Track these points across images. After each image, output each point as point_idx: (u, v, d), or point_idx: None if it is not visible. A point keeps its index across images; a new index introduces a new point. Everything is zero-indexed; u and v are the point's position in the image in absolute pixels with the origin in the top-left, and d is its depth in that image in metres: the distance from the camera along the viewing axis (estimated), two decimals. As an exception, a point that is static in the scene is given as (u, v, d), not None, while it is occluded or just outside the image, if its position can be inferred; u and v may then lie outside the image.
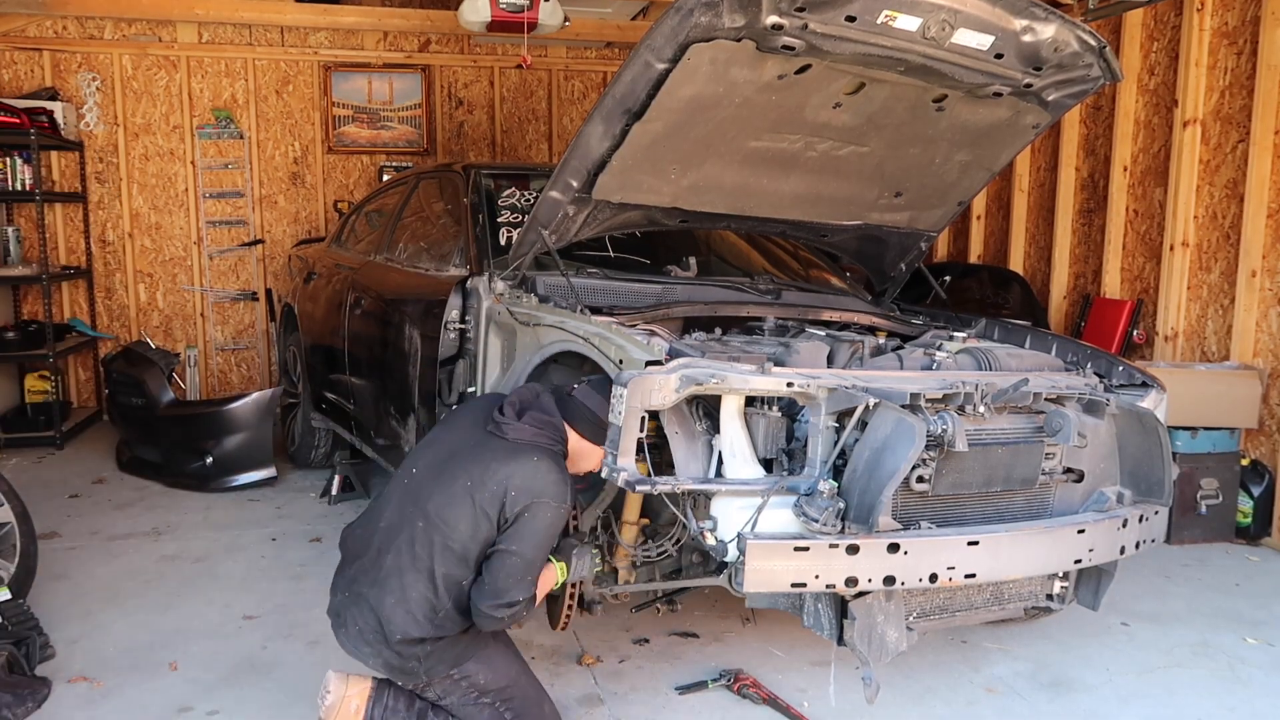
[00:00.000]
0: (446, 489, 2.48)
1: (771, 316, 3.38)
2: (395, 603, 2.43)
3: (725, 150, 3.16)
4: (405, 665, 2.47)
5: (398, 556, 2.47)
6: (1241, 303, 4.72)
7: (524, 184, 4.16)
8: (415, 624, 2.42)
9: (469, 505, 2.43)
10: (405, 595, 2.43)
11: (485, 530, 2.44)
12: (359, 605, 2.49)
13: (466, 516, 2.43)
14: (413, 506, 2.52)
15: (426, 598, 2.43)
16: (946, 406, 2.61)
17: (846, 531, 2.44)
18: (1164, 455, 2.90)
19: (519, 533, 2.43)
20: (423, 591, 2.43)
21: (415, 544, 2.46)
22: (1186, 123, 5.02)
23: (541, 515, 2.43)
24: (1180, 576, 4.20)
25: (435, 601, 2.43)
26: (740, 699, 3.04)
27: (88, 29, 6.91)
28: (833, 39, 2.70)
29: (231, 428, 5.33)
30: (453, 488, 2.47)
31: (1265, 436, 4.72)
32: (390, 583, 2.45)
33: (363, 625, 2.48)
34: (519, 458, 2.48)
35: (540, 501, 2.43)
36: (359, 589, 2.51)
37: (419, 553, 2.45)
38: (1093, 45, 2.97)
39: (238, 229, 7.35)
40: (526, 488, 2.43)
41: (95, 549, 4.33)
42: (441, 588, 2.43)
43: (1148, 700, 3.12)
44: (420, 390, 3.79)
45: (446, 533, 2.44)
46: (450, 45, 7.54)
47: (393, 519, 2.55)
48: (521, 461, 2.47)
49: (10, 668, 2.98)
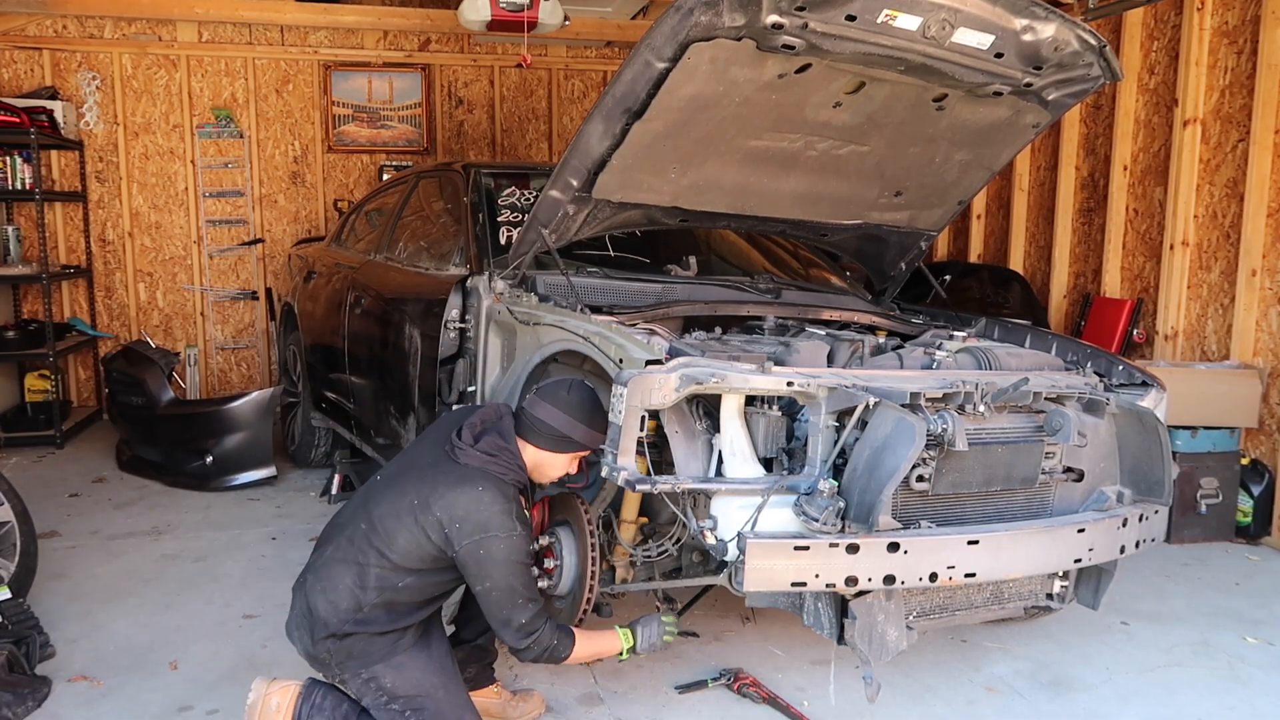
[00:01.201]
0: (393, 501, 2.51)
1: (771, 316, 3.38)
2: (322, 589, 2.49)
3: (725, 149, 3.16)
4: (319, 656, 2.52)
5: (336, 549, 2.54)
6: (1241, 302, 4.72)
7: (524, 183, 4.16)
8: (335, 613, 2.46)
9: (411, 522, 2.46)
10: (333, 584, 2.49)
11: (428, 549, 2.46)
12: (299, 590, 2.58)
13: (406, 532, 2.46)
14: (362, 509, 2.58)
15: (351, 590, 2.47)
16: (946, 406, 2.61)
17: (846, 531, 2.44)
18: (1164, 454, 2.90)
19: (482, 571, 2.45)
20: (349, 584, 2.47)
21: (353, 543, 2.52)
22: (1187, 122, 5.02)
23: (495, 548, 2.43)
24: (1180, 576, 4.20)
25: (361, 596, 2.46)
26: (740, 698, 3.04)
27: (87, 28, 6.91)
28: (833, 38, 2.70)
29: (231, 427, 5.33)
30: (399, 502, 2.50)
31: (1265, 436, 4.72)
32: (323, 571, 2.53)
33: (298, 609, 2.56)
34: (463, 486, 2.46)
35: (488, 536, 2.43)
36: (305, 575, 2.59)
37: (355, 549, 2.50)
38: (1093, 44, 2.97)
39: (238, 228, 7.35)
40: (470, 520, 2.43)
41: (95, 548, 4.33)
42: (372, 585, 2.47)
43: (1147, 699, 3.12)
44: (420, 389, 3.79)
45: (385, 540, 2.47)
46: (450, 44, 7.54)
47: (346, 517, 2.63)
48: (465, 490, 2.45)
49: (10, 667, 2.98)
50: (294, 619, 2.58)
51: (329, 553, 2.55)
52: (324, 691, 2.60)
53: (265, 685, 2.61)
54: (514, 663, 3.20)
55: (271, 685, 2.60)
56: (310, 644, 2.52)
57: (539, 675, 3.14)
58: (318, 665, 2.56)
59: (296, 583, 2.62)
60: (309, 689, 2.60)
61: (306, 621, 2.52)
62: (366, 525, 2.52)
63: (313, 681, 2.63)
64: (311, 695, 2.58)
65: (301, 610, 2.54)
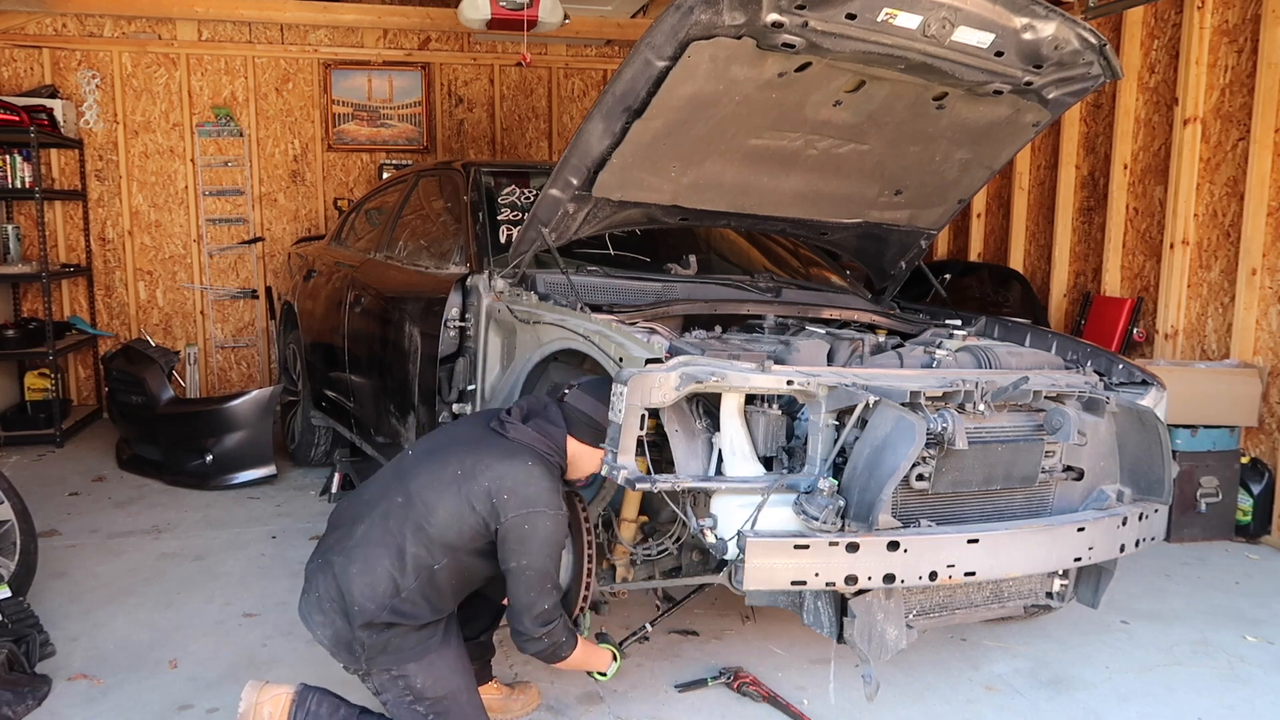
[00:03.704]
0: (434, 472, 2.46)
1: (771, 314, 3.38)
2: (358, 572, 2.40)
3: (725, 148, 3.16)
4: (350, 644, 2.42)
5: (369, 528, 2.45)
6: (1241, 301, 4.72)
7: (524, 182, 4.16)
8: (374, 597, 2.38)
9: (453, 493, 2.41)
10: (369, 566, 2.40)
11: (471, 523, 2.41)
12: (325, 572, 2.46)
13: (448, 504, 2.41)
14: (396, 483, 2.51)
15: (390, 574, 2.39)
16: (946, 404, 2.61)
17: (846, 529, 2.43)
18: (1164, 453, 2.90)
19: (523, 547, 2.41)
20: (387, 568, 2.39)
21: (389, 519, 2.44)
22: (1187, 121, 5.02)
23: (541, 525, 2.41)
24: (1180, 575, 4.20)
25: (400, 581, 2.39)
26: (740, 697, 3.04)
27: (87, 26, 6.91)
28: (833, 36, 2.70)
29: (231, 425, 5.33)
30: (441, 473, 2.45)
31: (1265, 435, 4.72)
32: (357, 553, 2.43)
33: (322, 593, 2.45)
34: (514, 459, 2.45)
35: (536, 511, 2.40)
36: (330, 556, 2.48)
37: (391, 528, 2.42)
38: (1093, 43, 2.96)
39: (237, 227, 7.35)
40: (518, 493, 2.40)
41: (95, 547, 4.33)
42: (409, 567, 2.39)
43: (1147, 698, 3.12)
44: (420, 388, 3.79)
45: (423, 513, 2.41)
46: (450, 43, 7.53)
47: (375, 494, 2.54)
48: (515, 463, 2.44)
49: (10, 665, 2.98)
50: (316, 603, 2.46)
51: (361, 532, 2.45)
52: (319, 697, 2.54)
53: (256, 693, 2.54)
54: (514, 660, 3.21)
55: (263, 693, 2.53)
56: (346, 629, 2.40)
57: (539, 674, 3.13)
58: (344, 654, 2.46)
59: (317, 564, 2.51)
60: (303, 695, 2.54)
61: (338, 606, 2.41)
62: (403, 499, 2.44)
63: (306, 687, 2.57)
64: (306, 701, 2.52)
65: (329, 594, 2.43)
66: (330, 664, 3.16)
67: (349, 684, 2.87)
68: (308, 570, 2.55)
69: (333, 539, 2.54)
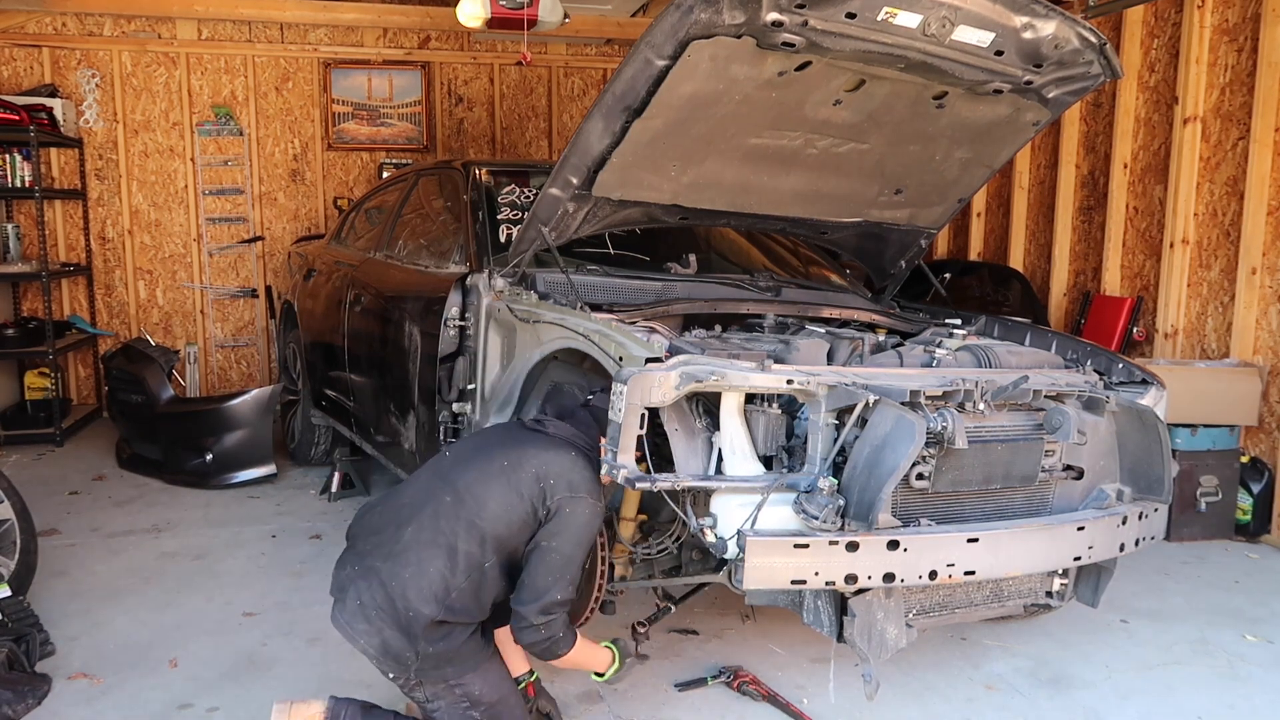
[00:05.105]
0: (480, 467, 2.48)
1: (771, 314, 3.38)
2: (411, 576, 2.35)
3: (725, 147, 3.16)
4: (401, 654, 2.35)
5: (419, 531, 2.41)
6: (1241, 300, 4.72)
7: (524, 181, 4.16)
8: (426, 600, 2.34)
9: (503, 483, 2.44)
10: (422, 569, 2.36)
11: (520, 513, 2.41)
12: (367, 578, 2.39)
13: (499, 494, 2.43)
14: (441, 483, 2.50)
15: (442, 574, 2.36)
16: (946, 404, 2.61)
17: (846, 529, 2.44)
18: (1164, 452, 2.90)
19: (559, 528, 2.43)
20: (440, 567, 2.36)
21: (440, 518, 2.41)
22: (1187, 120, 5.01)
23: (580, 511, 2.44)
24: (1180, 574, 4.20)
25: (451, 580, 2.36)
26: (740, 696, 3.04)
27: (87, 26, 6.90)
28: (833, 36, 2.70)
29: (231, 425, 5.33)
30: (488, 466, 2.48)
31: (1265, 434, 4.72)
32: (408, 555, 2.38)
33: (366, 599, 2.37)
34: (557, 449, 2.52)
35: (578, 497, 2.45)
36: (371, 562, 2.42)
37: (443, 527, 2.40)
38: (1093, 42, 2.96)
39: (237, 226, 7.35)
40: (565, 478, 2.45)
41: (95, 546, 4.33)
42: (461, 566, 2.37)
43: (1147, 697, 3.12)
44: (420, 387, 3.79)
45: (474, 509, 2.41)
46: (450, 42, 7.53)
47: (418, 496, 2.51)
48: (560, 453, 2.51)
49: (10, 665, 2.98)
50: (359, 611, 2.37)
51: (409, 535, 2.40)
52: (352, 709, 2.52)
53: (285, 713, 2.49)
54: (514, 660, 3.21)
55: (293, 711, 2.49)
56: (398, 639, 2.33)
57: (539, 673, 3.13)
58: (392, 663, 2.37)
59: (355, 571, 2.42)
60: (335, 709, 2.51)
61: (387, 614, 2.33)
62: (452, 497, 2.43)
63: (336, 700, 2.55)
64: (340, 715, 2.50)
65: (375, 602, 2.35)
66: (330, 662, 3.17)
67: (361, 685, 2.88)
68: (341, 579, 2.47)
69: (370, 544, 2.47)
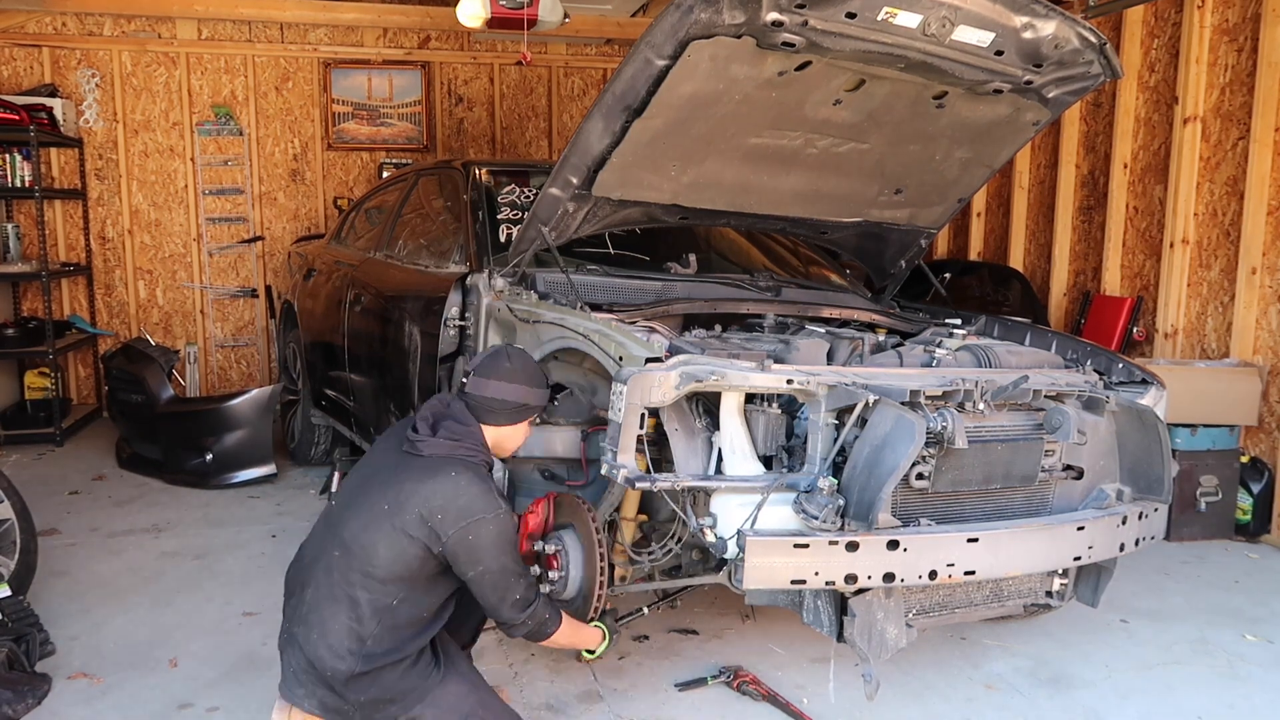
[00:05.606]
0: (363, 515, 2.37)
1: (771, 313, 3.38)
2: (319, 637, 2.33)
3: (725, 147, 3.16)
4: (339, 707, 2.36)
5: (317, 590, 2.37)
6: (1241, 300, 4.72)
7: (524, 181, 4.16)
8: (339, 658, 2.31)
9: (388, 529, 2.32)
10: (325, 629, 2.33)
11: (414, 553, 2.32)
12: (291, 646, 2.41)
13: (386, 541, 2.32)
14: (330, 536, 2.42)
15: (349, 627, 2.32)
16: (946, 403, 2.61)
17: (846, 528, 2.44)
18: (1163, 452, 2.90)
19: (473, 556, 2.34)
20: (344, 622, 2.32)
21: (333, 572, 2.35)
22: (1187, 120, 5.01)
23: (483, 531, 2.33)
24: (1179, 573, 4.21)
25: (360, 630, 2.32)
26: (740, 696, 3.04)
27: (87, 25, 6.90)
28: (833, 35, 2.70)
29: (231, 424, 5.33)
30: (370, 513, 2.36)
31: (1265, 434, 4.72)
32: (311, 618, 2.36)
33: (295, 666, 2.39)
34: (436, 476, 2.35)
35: (474, 521, 2.32)
36: (291, 628, 2.43)
37: (337, 580, 2.34)
38: (1093, 42, 2.96)
39: (237, 226, 7.35)
40: (451, 507, 2.32)
41: (95, 546, 4.33)
42: (367, 613, 2.32)
43: (1147, 697, 3.12)
44: (420, 387, 3.79)
45: (363, 559, 2.33)
46: (450, 42, 7.53)
47: (314, 551, 2.46)
48: (439, 480, 2.34)
49: (10, 664, 2.98)
50: (294, 677, 2.40)
51: (310, 595, 2.38)
52: None
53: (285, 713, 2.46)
54: (513, 659, 3.21)
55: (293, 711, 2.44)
56: (331, 695, 2.35)
57: (539, 672, 3.14)
58: (337, 717, 2.39)
59: (284, 639, 2.45)
60: None
61: (312, 676, 2.35)
62: (340, 551, 2.36)
63: None
64: None
65: (300, 666, 2.37)
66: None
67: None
68: (279, 645, 2.48)
69: (290, 608, 2.48)
